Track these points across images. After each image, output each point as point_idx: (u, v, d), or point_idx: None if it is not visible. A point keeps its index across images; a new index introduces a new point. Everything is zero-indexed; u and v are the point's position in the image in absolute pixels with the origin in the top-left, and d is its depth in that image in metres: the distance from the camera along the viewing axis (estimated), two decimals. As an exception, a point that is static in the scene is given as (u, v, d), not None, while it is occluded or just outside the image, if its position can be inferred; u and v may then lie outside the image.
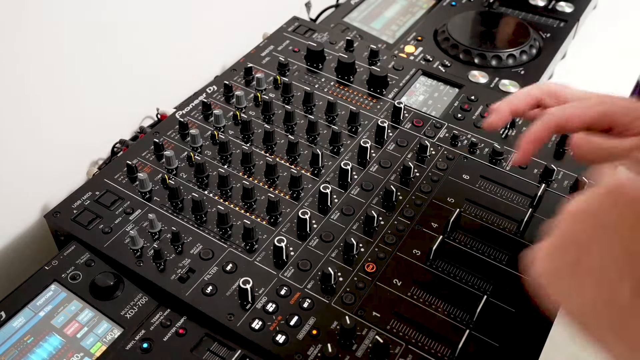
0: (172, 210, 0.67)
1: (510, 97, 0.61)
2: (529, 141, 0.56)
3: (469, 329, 0.57)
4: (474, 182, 0.71)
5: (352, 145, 0.75)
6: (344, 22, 1.04)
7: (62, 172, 0.77)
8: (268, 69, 0.86)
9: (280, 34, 0.92)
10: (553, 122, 0.55)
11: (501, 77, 0.92)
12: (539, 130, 0.55)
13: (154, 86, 0.87)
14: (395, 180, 0.71)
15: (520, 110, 0.60)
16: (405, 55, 0.96)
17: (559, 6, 1.09)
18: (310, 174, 0.71)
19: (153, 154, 0.73)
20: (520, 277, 0.62)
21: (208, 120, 0.78)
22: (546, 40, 1.01)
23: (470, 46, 0.96)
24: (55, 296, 0.59)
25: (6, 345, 0.55)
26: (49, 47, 0.68)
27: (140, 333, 0.57)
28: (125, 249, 0.63)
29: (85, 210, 0.66)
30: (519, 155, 0.57)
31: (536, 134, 0.55)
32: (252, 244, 0.64)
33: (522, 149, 0.56)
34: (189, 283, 0.60)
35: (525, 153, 0.56)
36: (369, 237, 0.65)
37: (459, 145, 0.76)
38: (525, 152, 0.56)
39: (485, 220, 0.67)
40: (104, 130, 0.81)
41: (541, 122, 0.55)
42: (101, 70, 0.77)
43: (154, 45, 0.84)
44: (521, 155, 0.57)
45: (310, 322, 0.57)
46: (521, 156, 0.57)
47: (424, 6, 1.09)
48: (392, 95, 0.83)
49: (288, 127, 0.77)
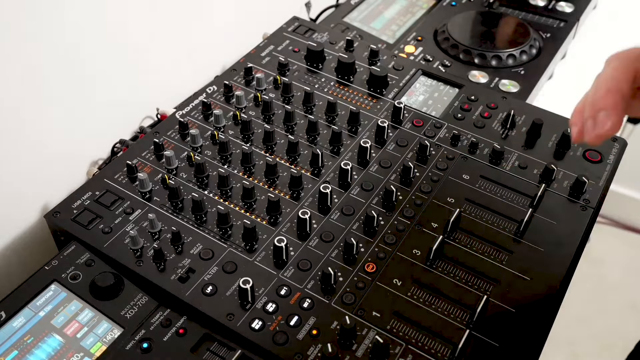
0: (172, 210, 0.67)
1: (608, 84, 0.48)
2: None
3: (469, 329, 0.57)
4: (474, 182, 0.71)
5: (352, 145, 0.75)
6: (344, 22, 1.04)
7: (62, 172, 0.77)
8: (268, 69, 0.86)
9: (280, 34, 0.92)
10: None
11: (501, 77, 0.92)
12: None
13: (154, 86, 0.87)
14: (395, 180, 0.71)
15: (629, 91, 0.48)
16: (405, 55, 0.96)
17: (559, 6, 1.09)
18: (310, 174, 0.71)
19: (153, 154, 0.73)
20: (520, 277, 0.62)
21: (208, 120, 0.78)
22: (546, 40, 1.01)
23: (470, 46, 0.96)
24: (55, 296, 0.59)
25: (6, 345, 0.55)
26: (49, 46, 0.68)
27: (140, 333, 0.57)
28: (125, 249, 0.63)
29: (85, 210, 0.66)
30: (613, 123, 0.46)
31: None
32: (252, 244, 0.64)
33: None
34: (189, 283, 0.60)
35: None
36: (369, 237, 0.65)
37: (459, 145, 0.76)
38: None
39: (485, 220, 0.67)
40: (104, 130, 0.81)
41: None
42: (101, 70, 0.77)
43: (154, 45, 0.84)
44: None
45: (310, 322, 0.57)
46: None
47: (424, 6, 1.09)
48: (392, 95, 0.83)
49: (288, 127, 0.77)
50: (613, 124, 0.46)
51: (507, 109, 0.79)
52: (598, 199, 0.69)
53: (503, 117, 0.79)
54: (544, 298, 0.60)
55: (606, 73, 0.49)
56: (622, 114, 0.47)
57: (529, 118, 0.79)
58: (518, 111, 0.79)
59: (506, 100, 0.82)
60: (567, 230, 0.66)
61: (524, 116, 0.79)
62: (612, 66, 0.49)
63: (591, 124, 0.47)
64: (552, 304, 0.60)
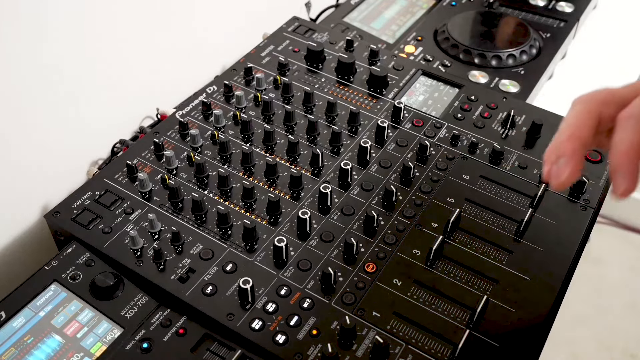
0: (172, 210, 0.67)
1: (569, 130, 0.46)
2: (630, 158, 0.42)
3: (469, 329, 0.57)
4: (474, 182, 0.71)
5: (352, 145, 0.75)
6: (344, 22, 1.04)
7: (62, 172, 0.77)
8: (268, 69, 0.86)
9: (280, 34, 0.92)
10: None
11: (501, 77, 0.92)
12: (636, 139, 0.42)
13: (154, 86, 0.87)
14: (395, 180, 0.71)
15: (590, 138, 0.46)
16: (405, 55, 0.96)
17: (559, 6, 1.09)
18: (310, 174, 0.71)
19: (153, 154, 0.73)
20: (520, 277, 0.62)
21: (208, 120, 0.78)
22: (546, 40, 1.01)
23: (470, 46, 0.96)
24: (55, 296, 0.59)
25: (6, 345, 0.55)
26: (49, 46, 0.68)
27: (140, 333, 0.57)
28: (125, 249, 0.63)
29: (85, 210, 0.66)
30: (629, 181, 0.42)
31: (634, 145, 0.42)
32: (252, 244, 0.64)
33: (628, 171, 0.42)
34: (189, 283, 0.60)
35: (634, 175, 0.42)
36: (369, 237, 0.65)
37: (459, 145, 0.76)
38: (633, 173, 0.42)
39: (485, 220, 0.67)
40: (104, 130, 0.81)
41: (633, 128, 0.42)
42: (101, 70, 0.77)
43: (154, 45, 0.84)
44: (632, 180, 0.42)
45: (310, 322, 0.57)
46: (632, 181, 0.42)
47: (424, 6, 1.09)
48: (392, 95, 0.83)
49: (288, 127, 0.77)
50: (570, 172, 0.45)
51: (507, 109, 0.79)
52: (598, 199, 0.69)
53: (503, 117, 0.79)
54: (544, 298, 0.60)
55: (569, 117, 0.47)
56: (581, 160, 0.45)
57: (529, 118, 0.79)
58: (518, 111, 0.79)
59: (506, 100, 0.82)
60: (567, 230, 0.66)
61: (524, 116, 0.79)
62: (575, 110, 0.47)
63: (555, 170, 0.46)
64: (552, 304, 0.60)
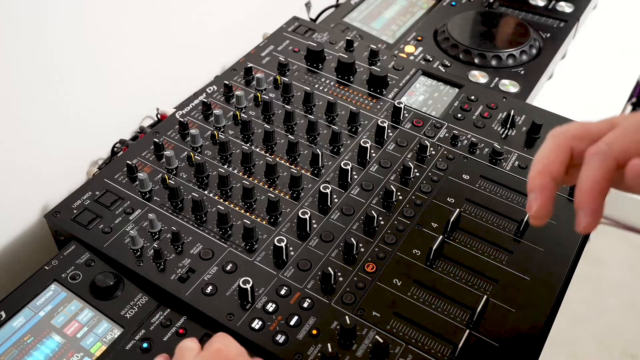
0: (172, 210, 0.67)
1: (540, 165, 0.46)
2: (594, 196, 0.42)
3: (469, 329, 0.57)
4: (474, 182, 0.71)
5: (352, 145, 0.75)
6: (344, 22, 1.04)
7: (62, 172, 0.77)
8: (268, 69, 0.86)
9: (280, 34, 0.92)
10: (611, 160, 0.42)
11: (501, 77, 0.92)
12: (599, 176, 0.42)
13: (154, 86, 0.87)
14: (395, 180, 0.71)
15: (562, 172, 0.46)
16: (405, 55, 0.96)
17: (559, 6, 1.09)
18: (310, 174, 0.71)
19: (153, 154, 0.73)
20: (520, 277, 0.62)
21: (208, 120, 0.78)
22: (546, 40, 1.01)
23: (470, 46, 0.96)
24: (55, 296, 0.59)
25: (6, 345, 0.55)
26: (49, 47, 0.68)
27: (140, 333, 0.57)
28: (125, 249, 0.63)
29: (85, 210, 0.66)
30: (590, 219, 0.42)
31: (597, 183, 0.42)
32: (252, 244, 0.64)
33: (589, 209, 0.42)
34: (189, 283, 0.60)
35: (596, 212, 0.42)
36: (369, 237, 0.65)
37: (459, 145, 0.76)
38: (596, 211, 0.42)
39: (485, 220, 0.67)
40: (104, 130, 0.81)
41: (597, 165, 0.42)
42: (101, 70, 0.77)
43: (154, 45, 0.84)
44: (594, 218, 0.42)
45: (310, 322, 0.57)
46: (594, 218, 0.42)
47: (424, 6, 1.09)
48: (392, 95, 0.83)
49: (288, 127, 0.77)
50: (538, 206, 0.45)
51: (507, 109, 0.79)
52: (598, 199, 0.69)
53: (503, 117, 0.79)
54: (544, 298, 0.60)
55: (540, 151, 0.47)
56: (551, 195, 0.45)
57: (529, 118, 0.79)
58: (518, 111, 0.79)
59: (506, 100, 0.82)
60: (567, 230, 0.66)
61: (524, 116, 0.79)
62: (547, 144, 0.47)
63: (527, 204, 0.46)
64: (552, 304, 0.60)
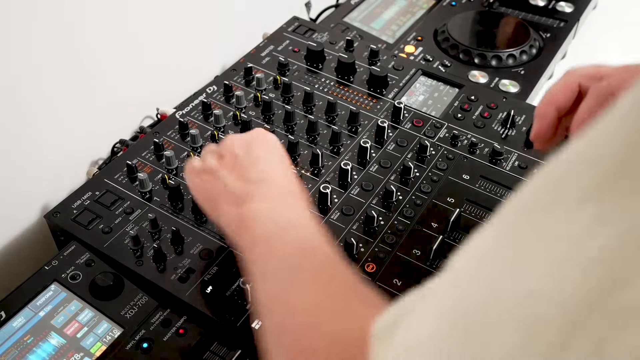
0: (172, 210, 0.67)
1: (547, 97, 0.54)
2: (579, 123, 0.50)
3: (469, 329, 0.57)
4: (474, 182, 0.71)
5: (352, 145, 0.75)
6: (344, 22, 1.04)
7: (62, 172, 0.77)
8: (268, 69, 0.86)
9: (280, 34, 0.92)
10: (603, 96, 0.49)
11: (501, 77, 0.92)
12: (594, 107, 0.49)
13: (154, 86, 0.87)
14: (395, 180, 0.71)
15: (566, 104, 0.53)
16: (405, 55, 0.96)
17: (559, 6, 1.09)
18: (310, 174, 0.71)
19: (153, 154, 0.73)
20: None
21: (208, 120, 0.78)
22: (546, 40, 1.01)
23: (470, 46, 0.96)
24: (55, 296, 0.59)
25: (6, 345, 0.55)
26: (49, 47, 0.68)
27: (140, 333, 0.57)
28: (125, 249, 0.63)
29: (85, 210, 0.66)
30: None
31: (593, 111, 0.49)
32: (252, 244, 0.64)
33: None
34: (189, 283, 0.60)
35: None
36: (369, 237, 0.65)
37: (459, 145, 0.76)
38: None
39: (485, 220, 0.67)
40: (104, 130, 0.81)
41: (595, 97, 0.50)
42: (101, 71, 0.77)
43: (153, 45, 0.84)
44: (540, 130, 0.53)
45: (310, 322, 0.57)
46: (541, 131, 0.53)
47: (424, 6, 1.09)
48: (392, 95, 0.83)
49: (288, 127, 0.77)
50: (536, 129, 0.53)
51: (507, 109, 0.79)
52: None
53: (503, 117, 0.79)
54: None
55: (551, 87, 0.54)
56: (549, 121, 0.52)
57: (529, 118, 0.79)
58: (518, 111, 0.79)
59: (506, 100, 0.82)
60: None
61: (524, 116, 0.79)
62: (558, 81, 0.53)
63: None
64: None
